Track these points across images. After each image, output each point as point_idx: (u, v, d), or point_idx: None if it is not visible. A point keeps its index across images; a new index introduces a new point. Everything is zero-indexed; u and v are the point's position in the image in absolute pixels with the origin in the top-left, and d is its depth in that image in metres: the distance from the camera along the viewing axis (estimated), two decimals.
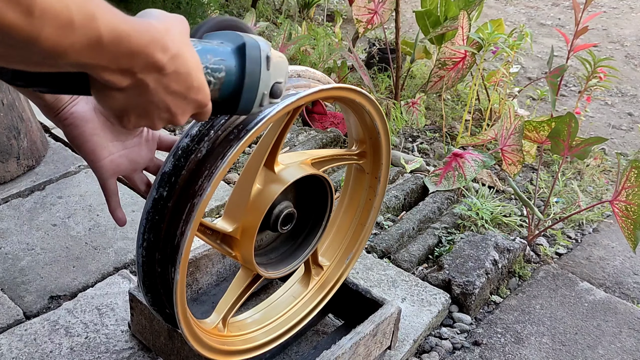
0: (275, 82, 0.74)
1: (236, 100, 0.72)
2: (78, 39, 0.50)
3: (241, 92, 0.71)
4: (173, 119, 0.66)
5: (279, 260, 1.17)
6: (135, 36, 0.54)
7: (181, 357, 1.23)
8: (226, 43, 0.71)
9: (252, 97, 0.72)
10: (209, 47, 0.68)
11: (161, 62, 0.58)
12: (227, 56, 0.70)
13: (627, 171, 1.66)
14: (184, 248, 0.89)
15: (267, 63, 0.72)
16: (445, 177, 2.10)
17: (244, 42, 0.70)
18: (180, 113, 0.66)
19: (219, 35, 0.73)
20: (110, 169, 0.89)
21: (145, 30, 0.56)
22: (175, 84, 0.62)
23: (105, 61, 0.54)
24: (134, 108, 0.62)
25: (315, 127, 2.47)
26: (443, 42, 2.54)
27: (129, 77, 0.58)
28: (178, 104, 0.64)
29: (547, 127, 1.96)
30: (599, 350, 1.53)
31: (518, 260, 1.82)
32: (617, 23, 4.49)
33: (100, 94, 0.60)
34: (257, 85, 0.72)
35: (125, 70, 0.57)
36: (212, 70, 0.68)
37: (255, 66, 0.71)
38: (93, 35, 0.51)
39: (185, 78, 0.62)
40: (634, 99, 3.35)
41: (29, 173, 1.90)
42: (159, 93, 0.61)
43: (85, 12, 0.49)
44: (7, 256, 1.58)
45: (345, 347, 1.18)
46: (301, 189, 1.12)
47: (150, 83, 0.60)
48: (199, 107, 0.67)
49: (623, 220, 1.67)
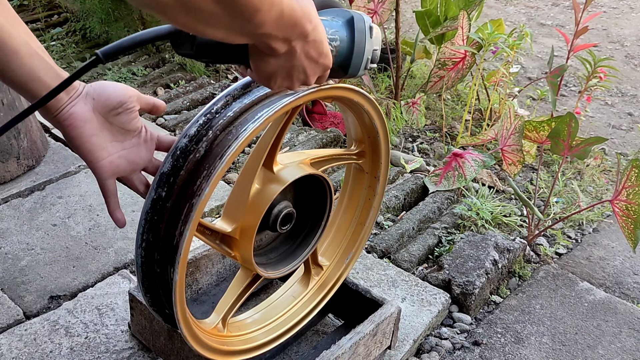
0: (374, 50, 0.86)
1: (347, 64, 0.85)
2: (274, 13, 0.63)
3: (351, 57, 0.85)
4: (307, 79, 0.79)
5: (278, 260, 1.17)
6: (298, 9, 0.66)
7: (181, 358, 1.23)
8: (337, 18, 0.84)
9: (359, 62, 0.86)
10: (326, 21, 0.81)
11: (308, 31, 0.70)
12: (340, 28, 0.83)
13: (627, 170, 1.66)
14: (183, 248, 0.89)
15: (370, 33, 0.85)
16: (445, 177, 2.10)
17: (352, 16, 0.84)
18: (312, 75, 0.78)
19: (328, 12, 0.85)
20: (109, 169, 0.89)
21: (300, 6, 0.67)
22: (313, 50, 0.74)
23: (280, 31, 0.66)
24: (281, 71, 0.75)
25: (315, 127, 2.47)
26: (443, 42, 2.54)
27: (287, 44, 0.70)
28: (312, 67, 0.76)
29: (547, 127, 1.96)
30: (599, 350, 1.53)
31: (518, 260, 1.82)
32: (617, 23, 4.48)
33: (258, 61, 0.73)
34: (363, 51, 0.85)
35: (286, 38, 0.69)
36: (331, 40, 0.81)
37: (362, 36, 0.84)
38: (279, 10, 0.63)
39: (319, 45, 0.75)
40: (634, 99, 3.35)
41: (29, 173, 1.90)
42: (301, 58, 0.74)
43: None
44: (7, 256, 1.58)
45: (345, 347, 1.18)
46: (300, 189, 1.12)
47: (297, 49, 0.72)
48: (324, 70, 0.80)
49: (623, 219, 1.67)
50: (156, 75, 2.77)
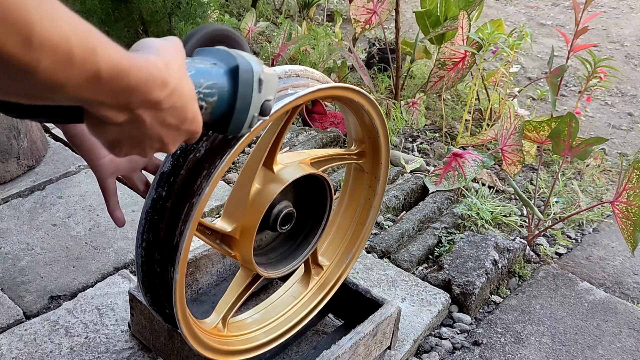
0: (265, 101, 0.73)
1: (226, 122, 0.72)
2: (77, 73, 0.49)
3: (232, 115, 0.71)
4: (164, 148, 0.66)
5: (278, 260, 1.17)
6: (134, 72, 0.54)
7: (181, 357, 1.23)
8: (219, 64, 0.70)
9: (243, 120, 0.72)
10: (202, 69, 0.68)
11: (159, 99, 0.58)
12: (220, 79, 0.69)
13: (628, 172, 1.66)
14: (183, 248, 0.89)
15: (259, 86, 0.71)
16: (445, 177, 2.10)
17: (237, 65, 0.70)
18: (172, 142, 0.66)
19: (212, 52, 0.72)
20: (110, 168, 0.89)
21: (145, 67, 0.55)
22: (170, 117, 0.61)
23: (103, 97, 0.53)
24: (127, 140, 0.62)
25: (315, 127, 2.47)
26: (443, 42, 2.54)
27: (126, 113, 0.57)
28: (171, 134, 0.64)
29: (547, 127, 1.96)
30: (599, 350, 1.53)
31: (518, 260, 1.82)
32: (617, 23, 4.48)
33: (94, 126, 0.60)
34: (247, 108, 0.71)
35: (122, 106, 0.56)
36: (205, 95, 0.67)
37: (247, 90, 0.71)
38: (92, 70, 0.50)
39: (180, 111, 0.62)
40: (634, 99, 3.35)
41: (29, 173, 1.90)
42: (154, 127, 0.61)
43: (86, 47, 0.48)
44: (7, 256, 1.58)
45: (345, 347, 1.18)
46: (300, 189, 1.12)
47: (146, 118, 0.59)
48: (190, 135, 0.67)
49: (623, 221, 1.67)
50: None
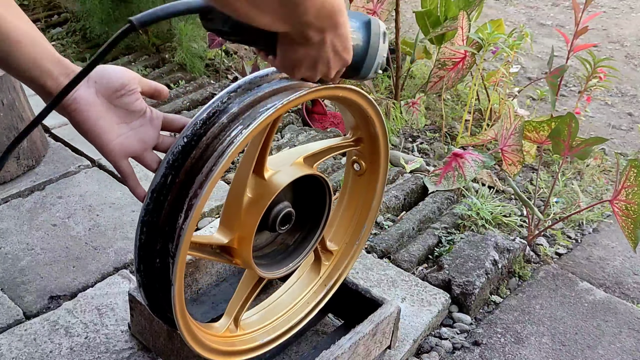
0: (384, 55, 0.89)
1: (360, 65, 0.88)
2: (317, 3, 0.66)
3: (365, 59, 0.87)
4: (328, 72, 0.81)
5: (278, 260, 1.17)
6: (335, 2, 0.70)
7: (181, 358, 1.23)
8: (354, 19, 0.87)
9: (372, 64, 0.88)
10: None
11: (340, 24, 0.74)
12: (357, 29, 0.86)
13: (626, 170, 1.66)
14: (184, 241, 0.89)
15: (384, 37, 0.88)
16: (445, 177, 2.10)
17: (369, 19, 0.87)
18: (334, 67, 0.80)
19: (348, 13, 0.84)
20: (121, 150, 0.89)
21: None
22: (339, 43, 0.77)
23: (318, 20, 0.70)
24: (308, 60, 0.77)
25: (315, 127, 2.47)
26: (443, 42, 2.54)
27: (320, 34, 0.73)
28: (335, 60, 0.79)
29: (547, 127, 1.95)
30: (598, 351, 1.53)
31: (518, 260, 1.82)
32: (617, 23, 4.48)
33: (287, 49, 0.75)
34: (376, 54, 0.88)
35: (321, 28, 0.72)
36: None
37: (377, 39, 0.87)
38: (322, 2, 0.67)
39: (345, 40, 0.77)
40: (634, 99, 3.35)
41: (28, 173, 1.90)
42: (328, 49, 0.76)
43: None
44: (7, 256, 1.58)
45: (344, 347, 1.18)
46: (298, 188, 1.12)
47: (328, 40, 0.74)
48: (344, 65, 0.82)
49: (623, 219, 1.67)
50: (156, 75, 2.77)
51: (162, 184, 0.92)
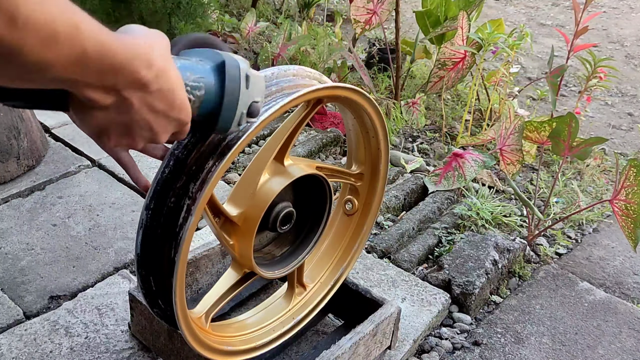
0: (253, 102, 0.73)
1: (215, 118, 0.71)
2: (63, 52, 0.48)
3: (220, 110, 0.71)
4: (154, 137, 0.65)
5: (277, 261, 1.17)
6: (120, 51, 0.53)
7: (181, 358, 1.23)
8: (205, 61, 0.70)
9: (231, 116, 0.72)
10: (188, 64, 0.68)
11: (146, 79, 0.57)
12: (207, 74, 0.69)
13: (626, 170, 1.66)
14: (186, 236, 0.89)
15: (246, 82, 0.71)
16: (445, 177, 2.10)
17: (223, 60, 0.70)
18: (162, 132, 0.64)
19: (197, 52, 0.72)
20: None
21: (130, 45, 0.55)
22: (158, 102, 0.61)
23: (90, 77, 0.53)
24: (115, 127, 0.61)
25: (316, 127, 2.47)
26: (443, 42, 2.54)
27: (113, 95, 0.57)
28: (160, 122, 0.63)
29: (547, 127, 1.96)
30: (599, 350, 1.53)
31: (518, 260, 1.82)
32: (617, 23, 4.48)
33: (80, 112, 0.59)
34: (236, 103, 0.71)
35: (109, 87, 0.56)
36: (192, 88, 0.67)
37: (234, 84, 0.70)
38: (78, 49, 0.49)
39: (168, 96, 0.61)
40: (634, 99, 3.35)
41: (29, 173, 1.90)
42: (142, 111, 0.60)
43: (70, 25, 0.48)
44: (7, 256, 1.58)
45: (345, 347, 1.18)
46: (301, 190, 1.12)
47: (134, 101, 0.58)
48: (179, 126, 0.66)
49: (623, 219, 1.67)
50: None
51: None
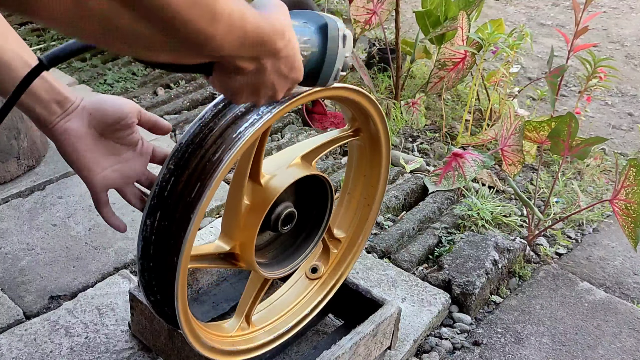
0: (345, 56, 0.82)
1: (316, 74, 0.80)
2: (235, 36, 0.57)
3: (322, 67, 0.80)
4: (275, 95, 0.73)
5: (279, 260, 1.16)
6: (266, 27, 0.62)
7: (181, 357, 1.23)
8: (309, 23, 0.79)
9: (330, 72, 0.81)
10: (298, 27, 0.76)
11: (279, 48, 0.66)
12: (312, 35, 0.78)
13: (625, 170, 1.66)
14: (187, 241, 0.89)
15: (343, 42, 0.80)
16: (445, 177, 2.10)
17: (326, 23, 0.79)
18: (281, 90, 0.73)
19: (301, 14, 0.80)
20: (103, 183, 0.88)
21: (270, 21, 0.63)
22: (284, 65, 0.69)
23: (245, 51, 0.62)
24: (248, 87, 0.69)
25: (315, 127, 2.47)
26: (443, 42, 2.54)
27: (255, 62, 0.65)
28: (281, 82, 0.71)
29: (547, 127, 1.96)
30: (599, 351, 1.53)
31: (518, 260, 1.82)
32: (617, 23, 4.48)
33: (222, 77, 0.67)
34: (334, 61, 0.80)
35: (254, 57, 0.64)
36: (302, 50, 0.75)
37: (334, 45, 0.79)
38: (242, 32, 0.58)
39: (291, 60, 0.70)
40: (634, 99, 3.35)
41: (29, 173, 1.90)
42: (272, 75, 0.69)
43: (239, 12, 0.56)
44: (7, 256, 1.58)
45: (345, 347, 1.18)
46: (299, 187, 1.12)
47: (268, 66, 0.67)
48: (293, 83, 0.74)
49: (623, 218, 1.67)
50: (156, 75, 2.77)
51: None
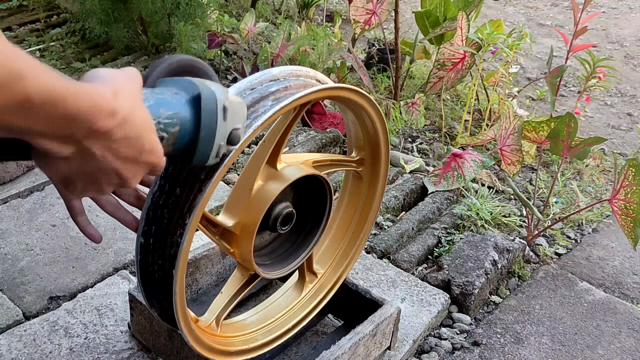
0: (233, 129, 0.71)
1: (192, 152, 0.69)
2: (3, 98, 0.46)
3: (197, 145, 0.68)
4: (124, 183, 0.62)
5: (278, 260, 1.17)
6: (72, 99, 0.51)
7: (181, 358, 1.23)
8: (180, 93, 0.68)
9: (209, 150, 0.70)
10: (162, 99, 0.66)
11: (106, 128, 0.55)
12: (182, 108, 0.67)
13: (625, 170, 1.67)
14: (186, 239, 0.89)
15: (223, 114, 0.69)
16: (444, 178, 2.10)
17: (199, 93, 0.67)
18: (132, 177, 0.62)
19: (174, 82, 0.70)
20: None
21: (88, 94, 0.52)
22: (125, 148, 0.58)
23: (40, 125, 0.50)
24: (80, 176, 0.59)
25: (315, 127, 2.47)
26: (442, 42, 2.54)
27: (72, 145, 0.54)
28: (129, 167, 0.61)
29: (546, 127, 1.96)
30: (598, 351, 1.53)
31: (517, 261, 1.82)
32: (616, 23, 4.49)
33: (42, 161, 0.57)
34: (213, 137, 0.69)
35: (66, 137, 0.53)
36: (166, 125, 0.65)
37: (211, 118, 0.68)
38: (20, 95, 0.47)
39: (135, 142, 0.59)
40: (633, 99, 3.35)
41: (28, 173, 1.90)
42: (107, 159, 0.58)
43: (9, 71, 0.46)
44: (6, 257, 1.58)
45: (344, 347, 1.18)
46: (301, 190, 1.12)
47: (96, 150, 0.56)
48: (151, 167, 0.64)
49: (622, 218, 1.67)
50: None
51: None
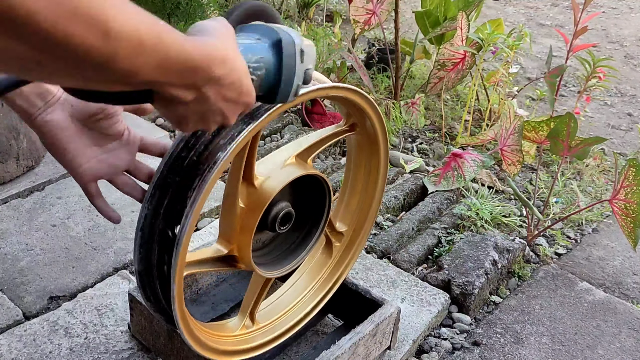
0: (306, 70, 0.78)
1: (274, 92, 0.77)
2: (149, 58, 0.53)
3: (279, 85, 0.76)
4: (225, 121, 0.71)
5: (277, 259, 1.16)
6: (197, 53, 0.59)
7: (181, 358, 1.23)
8: (263, 39, 0.75)
9: (288, 89, 0.77)
10: (249, 45, 0.73)
11: (219, 76, 0.63)
12: (266, 53, 0.74)
13: (625, 170, 1.66)
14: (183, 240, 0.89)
15: (301, 56, 0.76)
16: (444, 177, 2.10)
17: (280, 38, 0.74)
18: (232, 115, 0.71)
19: (254, 28, 0.77)
20: (89, 174, 0.88)
21: (205, 46, 0.61)
22: (230, 91, 0.67)
23: (172, 78, 0.58)
24: (193, 116, 0.67)
25: (315, 127, 2.47)
26: (442, 42, 2.54)
27: (193, 91, 0.62)
28: (231, 107, 0.69)
29: (546, 127, 1.96)
30: (598, 351, 1.53)
31: (517, 261, 1.82)
32: (616, 23, 4.49)
33: (164, 106, 0.65)
34: (292, 78, 0.76)
35: (190, 85, 0.61)
36: (254, 69, 0.72)
37: (291, 61, 0.75)
38: (161, 55, 0.55)
39: (238, 86, 0.67)
40: (633, 99, 3.35)
41: (28, 173, 1.90)
42: (217, 102, 0.66)
43: (153, 34, 0.53)
44: (6, 257, 1.58)
45: (344, 347, 1.18)
46: (297, 187, 1.11)
47: (210, 95, 0.64)
48: (245, 107, 0.72)
49: (623, 219, 1.67)
50: None
51: None
